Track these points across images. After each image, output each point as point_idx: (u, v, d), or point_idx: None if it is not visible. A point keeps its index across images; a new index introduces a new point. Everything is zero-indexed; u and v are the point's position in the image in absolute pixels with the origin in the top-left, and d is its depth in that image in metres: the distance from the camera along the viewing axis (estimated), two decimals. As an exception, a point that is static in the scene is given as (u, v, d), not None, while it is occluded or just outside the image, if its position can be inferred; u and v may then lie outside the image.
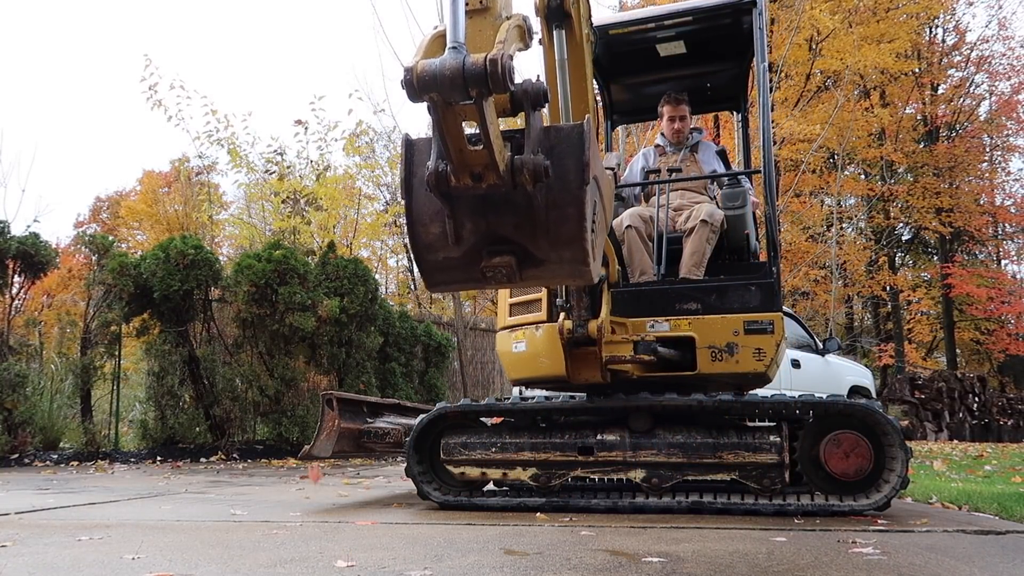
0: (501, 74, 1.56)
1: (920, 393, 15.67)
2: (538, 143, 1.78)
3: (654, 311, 3.62)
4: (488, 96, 1.63)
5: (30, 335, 8.75)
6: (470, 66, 1.57)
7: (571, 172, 1.79)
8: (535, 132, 1.79)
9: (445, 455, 3.54)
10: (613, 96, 4.96)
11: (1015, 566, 2.17)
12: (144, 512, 3.49)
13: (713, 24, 4.06)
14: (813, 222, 18.16)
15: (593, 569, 2.06)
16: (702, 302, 3.57)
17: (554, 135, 1.81)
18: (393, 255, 28.41)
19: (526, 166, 1.74)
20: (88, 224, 29.86)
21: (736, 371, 3.48)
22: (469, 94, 1.61)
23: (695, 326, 3.53)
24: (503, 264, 1.88)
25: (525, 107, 1.78)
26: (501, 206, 1.84)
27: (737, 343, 3.45)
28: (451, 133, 1.73)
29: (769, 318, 3.45)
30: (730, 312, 3.50)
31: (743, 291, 3.54)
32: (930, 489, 4.30)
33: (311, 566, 2.11)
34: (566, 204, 1.80)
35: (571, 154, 1.79)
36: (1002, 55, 22.91)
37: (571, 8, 2.80)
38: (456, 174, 1.78)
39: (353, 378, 8.91)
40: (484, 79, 1.57)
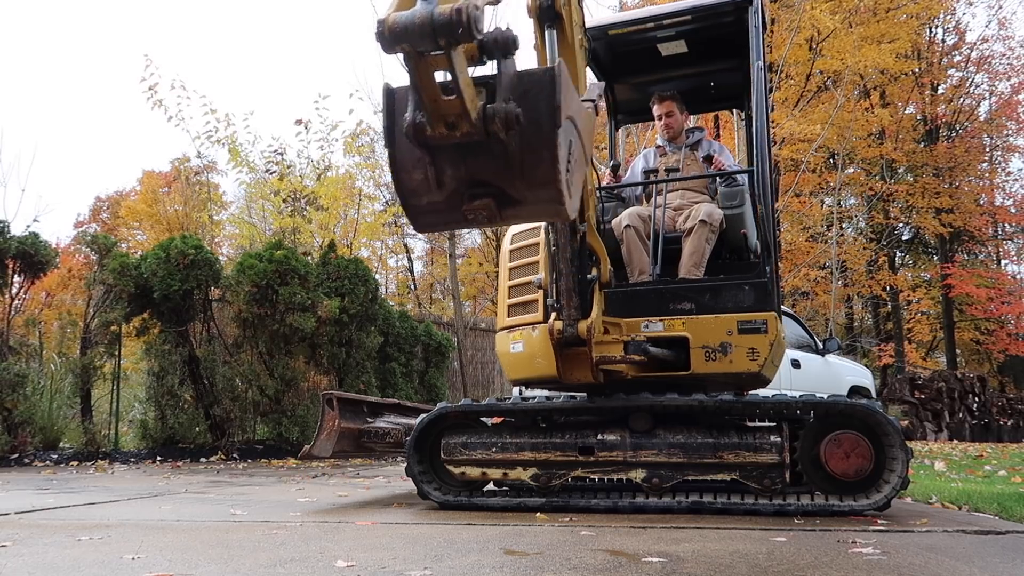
0: (467, 22, 1.61)
1: (920, 393, 15.67)
2: (510, 90, 1.83)
3: (648, 311, 3.62)
4: (456, 45, 1.68)
5: (30, 335, 8.75)
6: (438, 16, 1.62)
7: (543, 116, 1.85)
8: (506, 80, 1.85)
9: (445, 455, 3.54)
10: (617, 96, 4.96)
11: (1015, 566, 2.16)
12: (144, 512, 3.49)
13: (713, 23, 4.05)
14: (813, 222, 18.16)
15: (593, 569, 2.06)
16: (696, 302, 3.57)
17: (527, 79, 1.86)
18: (393, 255, 28.42)
19: (497, 114, 1.81)
20: (88, 224, 29.87)
21: (730, 371, 3.46)
22: (439, 44, 1.66)
23: (689, 326, 3.53)
24: (482, 207, 1.96)
25: (496, 56, 1.82)
26: (478, 152, 1.91)
27: (731, 343, 3.44)
28: (424, 84, 1.80)
29: (763, 317, 3.43)
30: (724, 312, 3.50)
31: (736, 291, 3.53)
32: (930, 489, 4.30)
33: (311, 566, 2.11)
34: (539, 147, 1.86)
35: (543, 98, 1.84)
36: (1002, 55, 22.94)
37: (562, 9, 2.84)
38: (431, 124, 1.85)
39: (353, 378, 8.92)
40: (452, 28, 1.62)
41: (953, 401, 15.76)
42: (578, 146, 2.04)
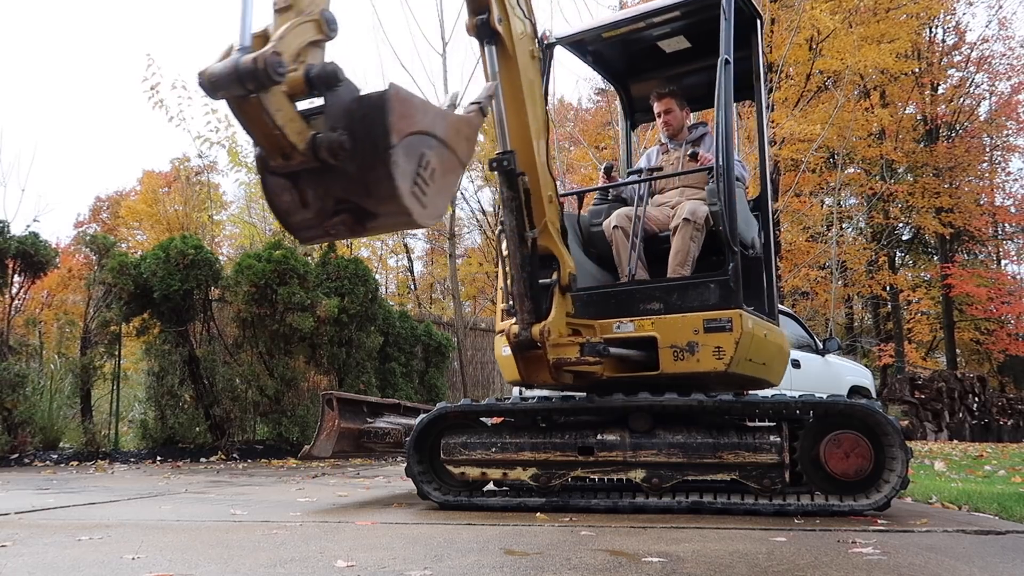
0: (264, 70, 1.82)
1: (920, 393, 15.68)
2: (340, 118, 2.01)
3: (620, 312, 3.64)
4: (263, 89, 1.87)
5: (30, 335, 8.75)
6: (242, 65, 1.82)
7: (379, 137, 2.01)
8: (336, 108, 2.02)
9: (445, 455, 3.54)
10: (632, 94, 4.97)
11: (1015, 566, 2.17)
12: (144, 512, 3.49)
13: (706, 16, 4.03)
14: (813, 222, 18.17)
15: (593, 569, 2.06)
16: (664, 302, 3.58)
17: (364, 104, 2.02)
18: (393, 255, 28.43)
19: (322, 143, 1.99)
20: (88, 224, 29.86)
21: (697, 370, 3.45)
22: (248, 89, 1.85)
23: (657, 326, 3.53)
24: (340, 222, 2.16)
25: (320, 89, 2.00)
26: (327, 174, 2.09)
27: (697, 342, 3.43)
28: (252, 124, 1.97)
29: (727, 315, 3.40)
30: (690, 311, 3.50)
31: (702, 289, 3.53)
32: (930, 489, 4.30)
33: (311, 566, 2.11)
34: (377, 166, 2.02)
35: (377, 121, 2.00)
36: (1002, 55, 22.94)
37: (498, 26, 3.04)
38: (270, 156, 2.04)
39: (353, 378, 8.92)
40: (254, 75, 1.82)
41: (953, 401, 15.77)
42: (441, 154, 2.21)
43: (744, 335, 3.41)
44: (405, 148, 2.06)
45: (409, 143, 2.08)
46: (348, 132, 2.01)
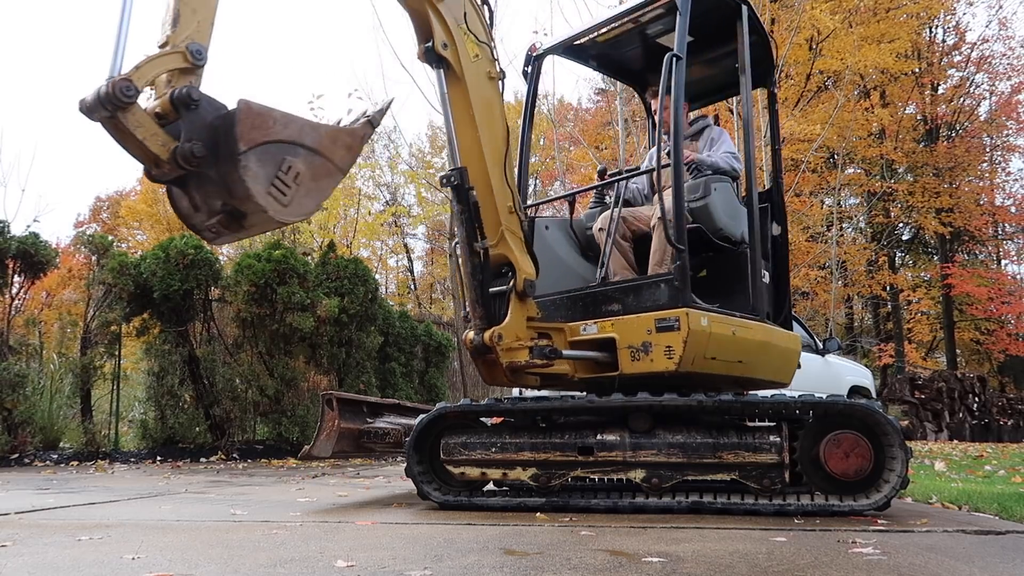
0: (115, 94, 2.21)
1: (920, 393, 15.68)
2: (200, 132, 2.35)
3: (586, 314, 3.72)
4: (120, 111, 2.25)
5: (30, 335, 8.75)
6: (101, 91, 2.21)
7: (231, 145, 2.34)
8: (193, 125, 2.37)
9: (445, 455, 3.54)
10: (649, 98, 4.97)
11: (1015, 566, 2.17)
12: (144, 512, 3.49)
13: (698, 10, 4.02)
14: (813, 222, 18.17)
15: (593, 569, 2.06)
16: (622, 303, 3.63)
17: (222, 119, 2.38)
18: (393, 255, 28.43)
19: (178, 153, 2.33)
20: (88, 224, 29.84)
21: (652, 370, 3.47)
22: (108, 111, 2.24)
23: (616, 327, 3.57)
24: (217, 223, 2.51)
25: (179, 109, 2.35)
26: (202, 180, 2.44)
27: (651, 342, 3.45)
28: (122, 141, 2.32)
29: (675, 315, 3.40)
30: (644, 311, 3.52)
31: (654, 288, 3.55)
32: (930, 489, 4.30)
33: (311, 566, 2.11)
34: (232, 172, 2.35)
35: (229, 132, 2.34)
36: (1002, 55, 22.92)
37: (443, 51, 3.34)
38: (148, 167, 2.39)
39: (353, 378, 8.92)
40: (108, 99, 2.20)
41: (953, 401, 15.77)
42: (310, 160, 2.53)
43: (693, 334, 3.38)
44: (259, 154, 2.39)
45: (265, 150, 2.41)
46: (205, 143, 2.36)
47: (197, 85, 2.44)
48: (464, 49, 3.43)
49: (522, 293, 3.52)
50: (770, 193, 4.31)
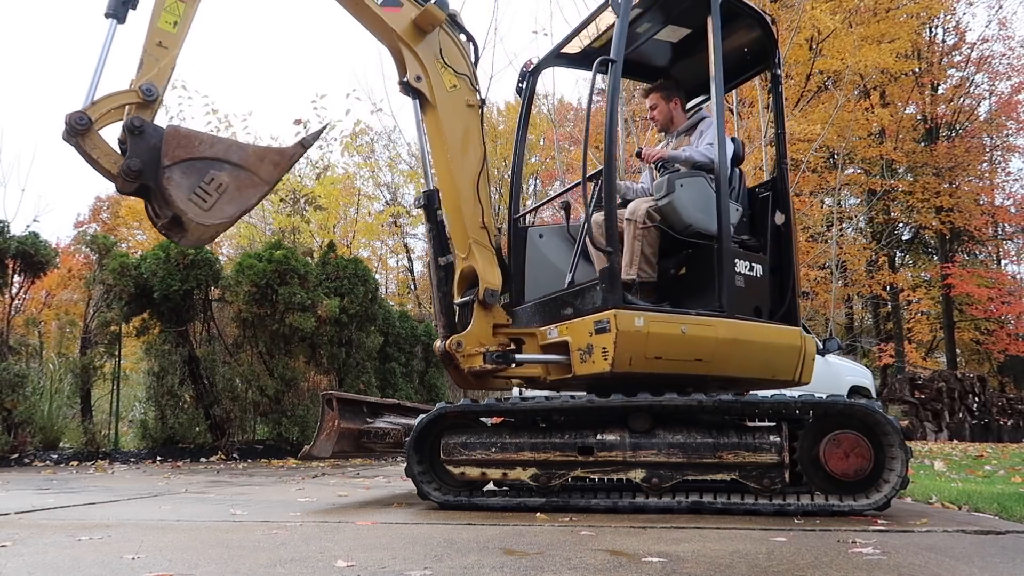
0: (70, 124, 2.96)
1: (920, 393, 15.68)
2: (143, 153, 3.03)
3: (552, 319, 3.83)
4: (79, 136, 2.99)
5: (30, 335, 8.75)
6: (65, 120, 2.95)
7: (159, 165, 3.01)
8: (139, 147, 3.04)
9: (445, 455, 3.54)
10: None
11: (1015, 566, 2.17)
12: (144, 512, 3.49)
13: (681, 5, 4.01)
14: (813, 222, 18.18)
15: (593, 569, 2.06)
16: (574, 306, 3.72)
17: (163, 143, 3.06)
18: (393, 255, 28.40)
19: (122, 169, 3.01)
20: (88, 224, 29.84)
21: (594, 372, 3.51)
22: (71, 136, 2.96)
23: (570, 330, 3.65)
24: (167, 229, 3.15)
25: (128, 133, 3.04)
26: (152, 192, 3.08)
27: (592, 344, 3.51)
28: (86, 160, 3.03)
29: (606, 316, 3.42)
30: (587, 314, 3.58)
31: (593, 292, 3.61)
32: (930, 489, 4.30)
33: (311, 566, 2.11)
34: (160, 182, 3.02)
35: (157, 150, 3.03)
36: (1002, 55, 22.90)
37: (416, 84, 3.72)
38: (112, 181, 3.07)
39: (353, 378, 8.92)
40: (69, 127, 2.95)
41: (953, 401, 15.77)
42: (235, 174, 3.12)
43: (623, 335, 3.38)
44: (183, 168, 3.05)
45: (189, 165, 3.07)
46: (143, 160, 3.01)
47: (151, 118, 3.10)
48: (439, 81, 3.80)
49: (483, 302, 3.75)
50: (774, 181, 4.19)
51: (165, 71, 3.20)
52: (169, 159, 3.00)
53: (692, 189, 3.77)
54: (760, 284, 3.87)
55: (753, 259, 3.87)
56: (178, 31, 3.36)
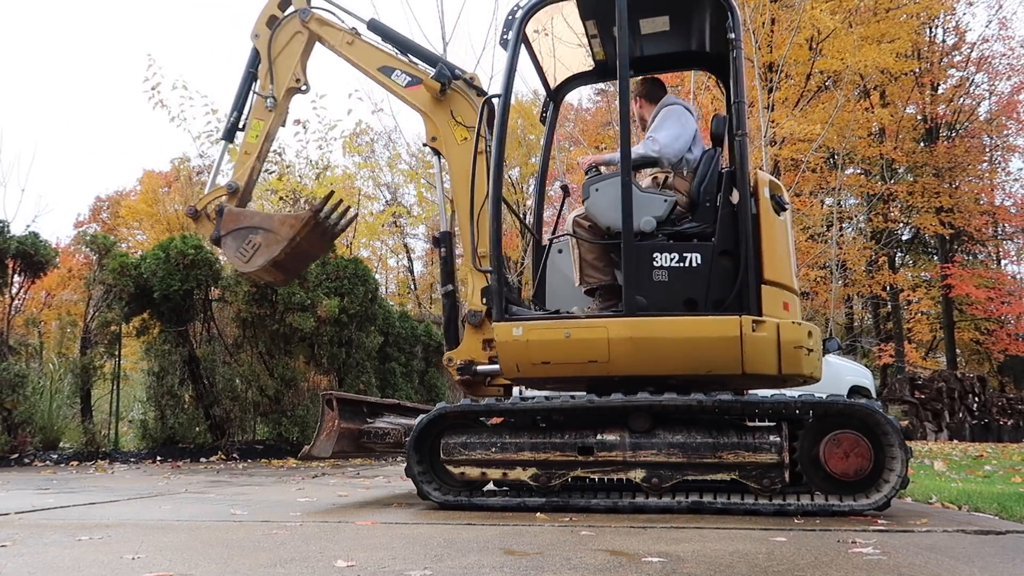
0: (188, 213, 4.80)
1: (920, 393, 15.68)
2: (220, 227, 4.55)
3: None
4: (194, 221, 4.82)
5: (30, 335, 8.75)
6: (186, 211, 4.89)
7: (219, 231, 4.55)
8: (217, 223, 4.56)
9: (445, 455, 3.54)
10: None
11: (1015, 566, 2.17)
12: (144, 512, 3.49)
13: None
14: (813, 222, 18.18)
15: (593, 569, 2.06)
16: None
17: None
18: (393, 255, 28.42)
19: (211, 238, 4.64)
20: (88, 224, 29.86)
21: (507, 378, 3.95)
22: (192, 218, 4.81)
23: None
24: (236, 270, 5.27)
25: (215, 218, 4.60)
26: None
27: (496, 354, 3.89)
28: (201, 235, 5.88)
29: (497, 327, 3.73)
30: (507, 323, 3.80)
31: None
32: (930, 489, 4.30)
33: (311, 566, 2.11)
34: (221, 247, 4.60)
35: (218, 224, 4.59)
36: (1002, 55, 22.91)
37: (434, 144, 4.39)
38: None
39: (353, 378, 8.91)
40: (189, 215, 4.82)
41: (953, 401, 15.77)
42: (265, 236, 4.39)
43: (503, 344, 3.69)
44: (233, 236, 4.45)
45: (237, 233, 4.45)
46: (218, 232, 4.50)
47: (233, 204, 4.56)
48: (452, 138, 4.35)
49: (469, 321, 4.15)
50: (731, 158, 3.99)
51: (246, 171, 4.64)
52: (223, 230, 4.46)
53: (607, 191, 3.75)
54: (695, 274, 3.62)
55: (686, 248, 3.65)
56: (258, 142, 4.69)
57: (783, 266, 3.66)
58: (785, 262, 3.69)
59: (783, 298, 3.60)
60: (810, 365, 3.63)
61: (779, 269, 3.63)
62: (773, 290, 3.58)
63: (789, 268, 3.73)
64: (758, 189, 3.71)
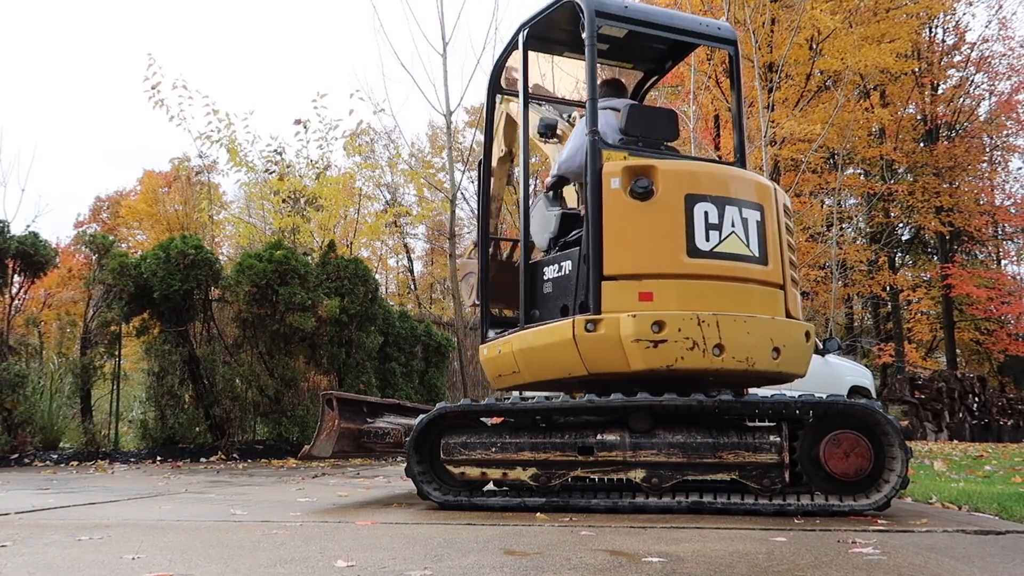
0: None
1: (920, 393, 15.67)
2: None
3: None
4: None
5: (30, 335, 8.75)
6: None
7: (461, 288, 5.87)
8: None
9: (445, 455, 3.54)
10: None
11: (1015, 566, 2.17)
12: (144, 512, 3.49)
13: None
14: (813, 222, 18.17)
15: (593, 569, 2.06)
16: None
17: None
18: (393, 255, 28.42)
19: None
20: (88, 224, 29.85)
21: None
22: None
23: None
24: None
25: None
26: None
27: None
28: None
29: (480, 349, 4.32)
30: None
31: None
32: (930, 489, 4.30)
33: (311, 566, 2.11)
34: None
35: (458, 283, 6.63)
36: (1002, 55, 22.91)
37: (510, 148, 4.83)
38: None
39: (353, 378, 8.91)
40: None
41: (953, 401, 15.77)
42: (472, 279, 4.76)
43: (484, 361, 4.27)
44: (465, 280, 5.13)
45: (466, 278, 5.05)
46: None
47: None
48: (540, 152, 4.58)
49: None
50: None
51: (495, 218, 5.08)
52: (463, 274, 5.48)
53: (536, 214, 4.16)
54: (568, 281, 3.68)
55: (563, 258, 3.77)
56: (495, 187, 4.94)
57: (639, 256, 3.49)
58: (640, 250, 3.49)
59: (639, 288, 3.44)
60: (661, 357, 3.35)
61: (629, 261, 3.48)
62: (620, 284, 3.46)
63: (652, 256, 3.49)
64: (604, 181, 3.57)
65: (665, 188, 3.51)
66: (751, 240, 3.56)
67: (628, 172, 3.54)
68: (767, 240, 3.63)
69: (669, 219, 3.49)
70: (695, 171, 3.67)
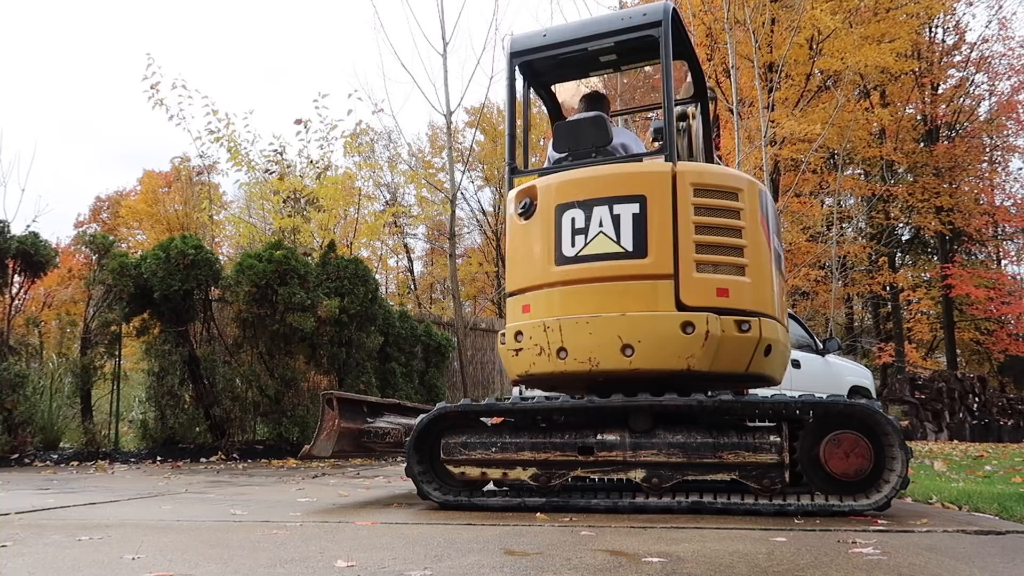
0: None
1: (920, 393, 15.68)
2: None
3: None
4: None
5: (30, 335, 8.75)
6: None
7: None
8: None
9: (445, 455, 3.54)
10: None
11: (1015, 566, 2.16)
12: (144, 512, 3.49)
13: None
14: (813, 222, 18.18)
15: (593, 569, 2.06)
16: None
17: None
18: (393, 255, 28.42)
19: None
20: (88, 224, 29.88)
21: None
22: None
23: None
24: None
25: None
26: None
27: None
28: None
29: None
30: None
31: None
32: (930, 489, 4.30)
33: (311, 566, 2.11)
34: None
35: None
36: (1002, 55, 22.92)
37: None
38: None
39: (353, 378, 8.91)
40: None
41: (953, 401, 15.77)
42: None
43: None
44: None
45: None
46: None
47: None
48: None
49: None
50: None
51: None
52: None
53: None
54: None
55: None
56: None
57: (523, 271, 3.77)
58: (523, 266, 3.76)
59: (523, 302, 3.75)
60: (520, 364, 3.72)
61: (519, 276, 3.79)
62: (515, 299, 3.80)
63: (530, 269, 3.73)
64: (507, 209, 3.92)
65: (542, 203, 3.73)
66: (623, 236, 3.53)
67: (518, 196, 3.83)
68: (648, 231, 3.51)
69: (543, 232, 3.71)
70: (566, 180, 3.75)
